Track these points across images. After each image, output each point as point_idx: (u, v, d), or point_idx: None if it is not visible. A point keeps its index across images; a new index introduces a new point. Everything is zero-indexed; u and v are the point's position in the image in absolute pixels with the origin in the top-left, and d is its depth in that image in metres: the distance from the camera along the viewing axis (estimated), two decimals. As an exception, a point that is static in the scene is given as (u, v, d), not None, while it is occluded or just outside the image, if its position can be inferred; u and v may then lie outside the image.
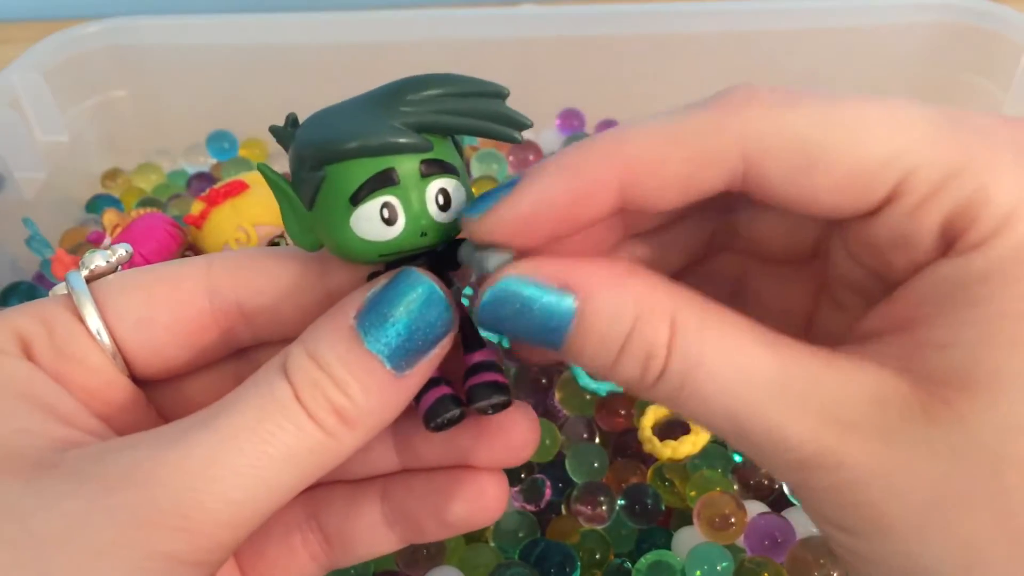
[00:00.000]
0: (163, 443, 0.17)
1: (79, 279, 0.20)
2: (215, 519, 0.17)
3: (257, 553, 0.23)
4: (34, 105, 0.46)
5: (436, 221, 0.19)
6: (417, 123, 0.18)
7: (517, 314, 0.18)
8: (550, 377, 0.38)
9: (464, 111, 0.19)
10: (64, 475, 0.17)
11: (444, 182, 0.19)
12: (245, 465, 0.17)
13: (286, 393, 0.18)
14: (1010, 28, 0.47)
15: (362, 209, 0.18)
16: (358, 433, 0.18)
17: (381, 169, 0.18)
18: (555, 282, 0.18)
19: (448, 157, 0.19)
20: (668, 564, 0.31)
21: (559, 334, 0.18)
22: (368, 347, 0.18)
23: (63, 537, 0.16)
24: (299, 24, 0.50)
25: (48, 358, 0.20)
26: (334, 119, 0.19)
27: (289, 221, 0.20)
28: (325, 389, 0.18)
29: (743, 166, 0.17)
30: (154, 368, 0.21)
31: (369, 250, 0.19)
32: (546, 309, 0.18)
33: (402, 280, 0.18)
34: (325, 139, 0.18)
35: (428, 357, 0.19)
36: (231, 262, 0.21)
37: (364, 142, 0.18)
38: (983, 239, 0.16)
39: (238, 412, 0.18)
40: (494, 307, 0.18)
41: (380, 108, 0.18)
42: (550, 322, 0.18)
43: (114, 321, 0.20)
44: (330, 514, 0.23)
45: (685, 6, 0.50)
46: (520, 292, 0.18)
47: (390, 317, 0.18)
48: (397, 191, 0.18)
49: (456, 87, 0.19)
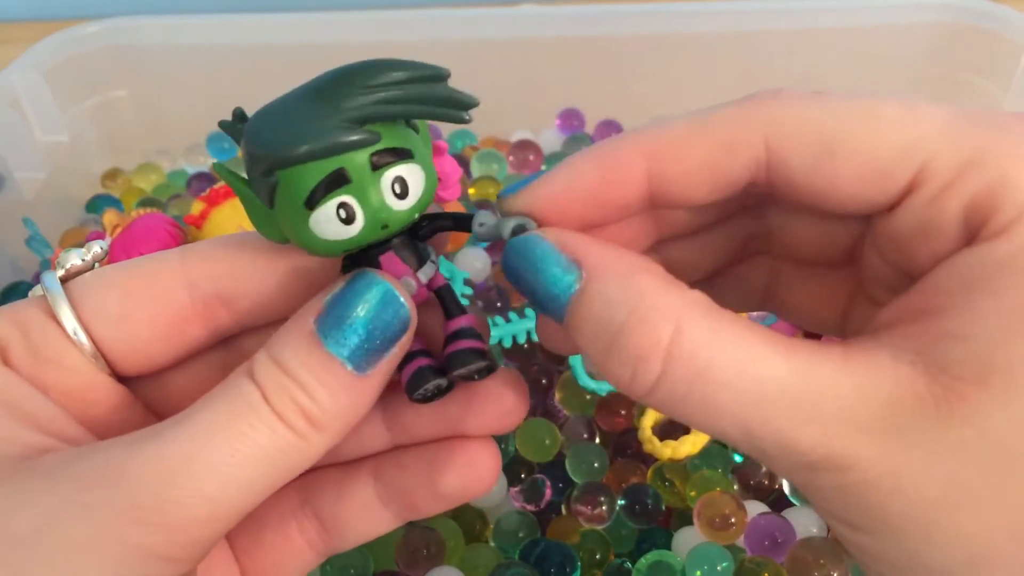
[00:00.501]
0: (137, 442, 0.18)
1: (53, 279, 0.20)
2: (190, 514, 0.17)
3: (253, 543, 0.23)
4: (34, 105, 0.46)
5: (396, 211, 0.19)
6: (361, 116, 0.18)
7: (527, 272, 0.18)
8: (550, 377, 0.38)
9: (406, 97, 0.18)
10: (39, 476, 0.17)
11: (398, 170, 0.18)
12: (219, 462, 0.17)
13: (255, 395, 0.18)
14: (1010, 28, 0.47)
15: (318, 212, 0.18)
16: (326, 435, 0.19)
17: (331, 171, 0.18)
18: (567, 252, 0.18)
19: (400, 142, 0.19)
20: (668, 564, 0.31)
21: (559, 305, 0.18)
22: (329, 350, 0.18)
23: (38, 534, 0.16)
24: (299, 24, 0.50)
25: (25, 362, 0.19)
26: (279, 119, 0.18)
27: (253, 217, 0.20)
28: (291, 392, 0.18)
29: (766, 155, 0.18)
30: (137, 364, 0.21)
31: (333, 248, 0.19)
32: (551, 276, 0.18)
33: (358, 282, 0.19)
34: (272, 145, 0.18)
35: (388, 355, 0.19)
36: (206, 251, 0.21)
37: (311, 147, 0.17)
38: (1005, 226, 0.16)
39: (210, 412, 0.18)
40: (510, 258, 0.19)
41: (320, 104, 0.18)
42: (553, 289, 0.18)
43: (91, 320, 0.20)
44: (323, 498, 0.23)
45: (685, 6, 0.50)
46: (533, 250, 0.18)
47: (347, 319, 0.18)
48: (351, 190, 0.18)
49: (397, 73, 0.18)
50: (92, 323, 0.20)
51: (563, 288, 0.18)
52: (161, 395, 0.22)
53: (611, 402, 0.36)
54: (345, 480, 0.23)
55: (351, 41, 0.50)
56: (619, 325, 0.17)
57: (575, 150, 0.51)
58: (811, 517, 0.33)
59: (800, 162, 0.17)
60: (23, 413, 0.19)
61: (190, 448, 0.17)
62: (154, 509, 0.17)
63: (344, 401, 0.18)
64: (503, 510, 0.34)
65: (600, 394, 0.36)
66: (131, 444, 0.18)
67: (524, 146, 0.51)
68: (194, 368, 0.22)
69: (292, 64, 0.51)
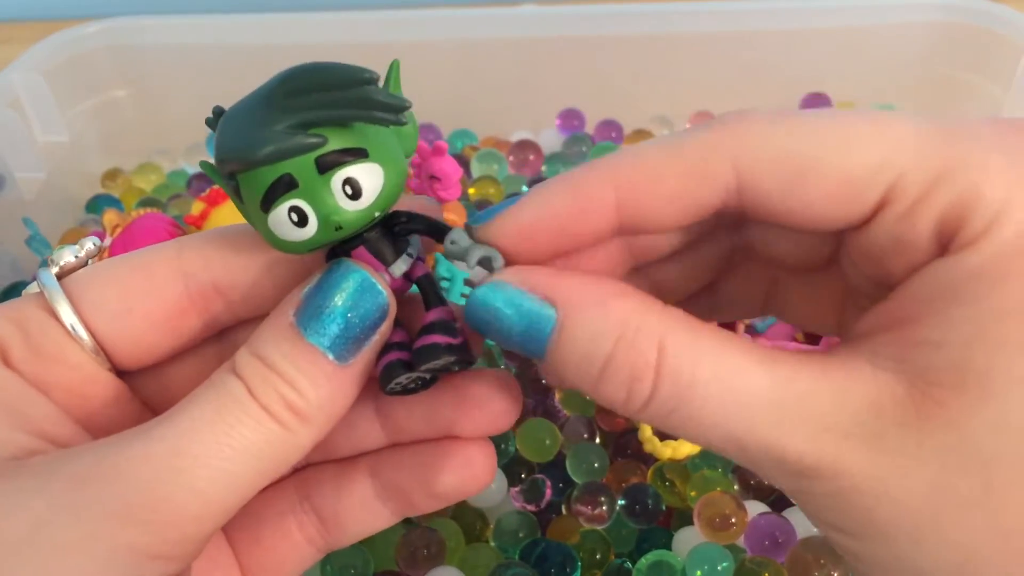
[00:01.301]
0: (125, 441, 0.18)
1: (49, 276, 0.20)
2: (181, 511, 0.17)
3: (253, 540, 0.23)
4: (34, 105, 0.46)
5: (348, 211, 0.18)
6: (302, 121, 0.18)
7: (497, 320, 0.18)
8: (550, 377, 0.38)
9: (342, 101, 0.18)
10: (29, 476, 0.17)
11: (349, 171, 0.18)
12: (208, 456, 0.17)
13: (240, 389, 0.18)
14: (1010, 28, 0.47)
15: (273, 215, 0.18)
16: (312, 426, 0.19)
17: (278, 176, 0.18)
18: (538, 293, 0.18)
19: (350, 141, 0.18)
20: (668, 564, 0.31)
21: (540, 345, 0.18)
22: (309, 340, 0.18)
23: (29, 537, 0.16)
24: (299, 24, 0.50)
25: (25, 361, 0.19)
26: (234, 123, 0.18)
27: (242, 211, 0.20)
28: (275, 385, 0.18)
29: (737, 181, 0.18)
30: (135, 358, 0.21)
31: (295, 248, 0.19)
32: (526, 319, 0.18)
33: (335, 271, 0.19)
34: (225, 149, 0.18)
35: (369, 344, 0.19)
36: (201, 244, 0.21)
37: (256, 153, 0.18)
38: (976, 237, 0.16)
39: (196, 408, 0.18)
40: (476, 310, 0.19)
41: (269, 108, 0.18)
42: (531, 332, 0.18)
43: (91, 315, 0.20)
44: (322, 494, 0.23)
45: (685, 6, 0.50)
46: (500, 297, 0.18)
47: (326, 309, 0.19)
48: (300, 194, 0.18)
49: (329, 77, 0.18)
50: (92, 318, 0.20)
51: (541, 330, 0.18)
52: (157, 389, 0.22)
53: (611, 402, 0.36)
54: (344, 477, 0.23)
55: (351, 41, 0.50)
56: (607, 355, 0.17)
57: (575, 150, 0.51)
58: (811, 517, 0.33)
59: (771, 186, 0.17)
60: (19, 414, 0.19)
61: (178, 444, 0.17)
62: (144, 507, 0.17)
63: (328, 391, 0.19)
64: (503, 510, 0.34)
65: (600, 394, 0.36)
66: (119, 443, 0.18)
67: (524, 146, 0.51)
68: (190, 361, 0.22)
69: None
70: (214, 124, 0.20)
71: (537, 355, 0.18)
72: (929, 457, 0.16)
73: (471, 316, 0.19)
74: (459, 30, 0.50)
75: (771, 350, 0.17)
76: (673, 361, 0.17)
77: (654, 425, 0.18)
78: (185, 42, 0.51)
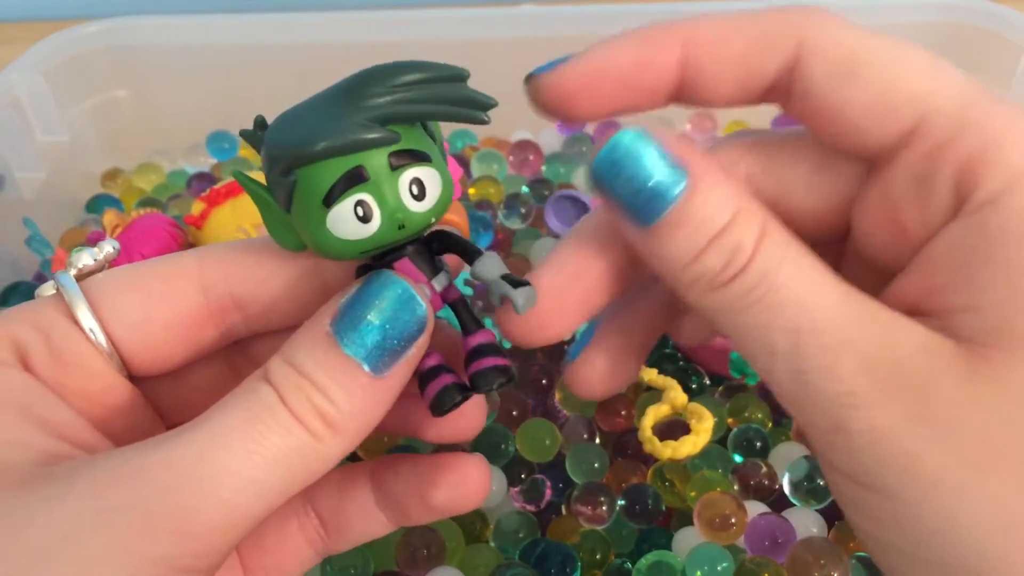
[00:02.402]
0: (152, 446, 0.17)
1: (69, 278, 0.20)
2: (208, 521, 0.17)
3: (255, 542, 0.23)
4: (34, 105, 0.46)
5: (412, 211, 0.19)
6: (381, 115, 0.18)
7: (633, 169, 0.18)
8: (550, 377, 0.38)
9: (426, 98, 0.18)
10: (53, 483, 0.17)
11: (416, 171, 0.19)
12: (235, 465, 0.17)
13: (272, 397, 0.18)
14: (1010, 28, 0.47)
15: (336, 210, 0.18)
16: (343, 437, 0.18)
17: (350, 168, 0.18)
18: (674, 153, 0.18)
19: (418, 145, 0.19)
20: (668, 564, 0.31)
21: (660, 206, 0.18)
22: (345, 351, 0.18)
23: (55, 547, 0.16)
24: (299, 24, 0.50)
25: (46, 366, 0.19)
26: (299, 120, 0.18)
27: (270, 224, 0.20)
28: (308, 394, 0.18)
29: (795, 59, 0.18)
30: (151, 366, 0.21)
31: (349, 248, 0.19)
32: (661, 175, 0.18)
33: (374, 282, 0.19)
34: (291, 143, 0.18)
35: (406, 357, 0.19)
36: (222, 255, 0.21)
37: (330, 143, 0.18)
38: (995, 195, 0.16)
39: (228, 415, 0.18)
40: (614, 154, 0.18)
41: (342, 104, 0.18)
42: (659, 189, 0.18)
43: (111, 321, 0.20)
44: (324, 498, 0.23)
45: (685, 6, 0.50)
46: (639, 148, 0.18)
47: (364, 319, 0.18)
48: (369, 188, 0.18)
49: (417, 74, 0.18)
50: (111, 324, 0.20)
51: (667, 188, 0.18)
52: (169, 396, 0.22)
53: (611, 402, 0.36)
54: (346, 481, 0.23)
55: (351, 41, 0.50)
56: (724, 224, 0.18)
57: (575, 150, 0.51)
58: (811, 517, 0.33)
59: (822, 73, 0.18)
60: (42, 418, 0.18)
61: (205, 451, 0.17)
62: (170, 516, 0.16)
63: (361, 403, 0.18)
64: (503, 510, 0.34)
65: (600, 394, 0.36)
66: (146, 448, 0.17)
67: (524, 146, 0.51)
68: (203, 370, 0.22)
69: (292, 64, 0.51)
70: (253, 135, 0.19)
71: (650, 216, 0.18)
72: (979, 408, 0.16)
73: (605, 159, 0.18)
74: (459, 30, 0.50)
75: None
76: (771, 244, 0.18)
77: (719, 309, 0.18)
78: (185, 42, 0.51)
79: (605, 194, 0.19)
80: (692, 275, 0.18)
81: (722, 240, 0.18)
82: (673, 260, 0.18)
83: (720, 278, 0.18)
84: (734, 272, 0.18)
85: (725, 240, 0.18)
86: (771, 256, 0.18)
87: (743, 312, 0.18)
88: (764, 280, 0.17)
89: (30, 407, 0.19)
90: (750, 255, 0.18)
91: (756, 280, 0.17)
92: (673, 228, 0.18)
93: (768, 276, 0.17)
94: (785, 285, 0.17)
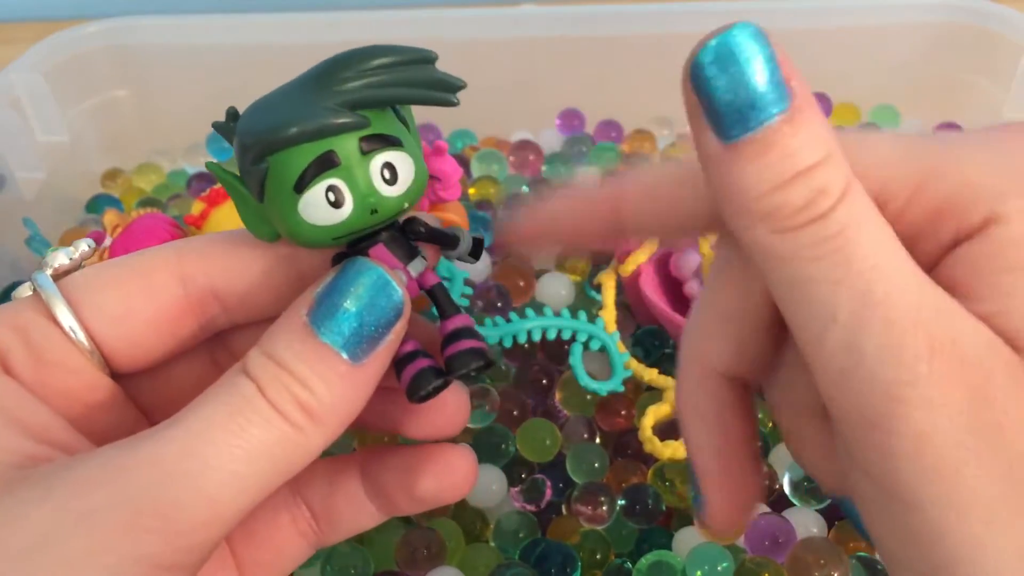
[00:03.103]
0: (133, 444, 0.17)
1: (46, 278, 0.20)
2: (192, 517, 0.17)
3: (247, 534, 0.23)
4: (34, 105, 0.46)
5: (384, 196, 0.19)
6: (351, 100, 0.18)
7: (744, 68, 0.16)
8: (550, 377, 0.38)
9: (396, 81, 0.19)
10: (32, 485, 0.17)
11: (388, 155, 0.19)
12: (218, 459, 0.17)
13: (251, 390, 0.18)
14: (1010, 28, 0.47)
15: (308, 195, 0.18)
16: (324, 428, 0.18)
17: (320, 153, 0.18)
18: (784, 69, 0.16)
19: (389, 129, 0.19)
20: (668, 564, 0.31)
21: (753, 121, 0.16)
22: (323, 339, 0.18)
23: (35, 549, 0.16)
24: (299, 24, 0.50)
25: (26, 367, 0.19)
26: (270, 107, 0.19)
27: (244, 215, 0.20)
28: (288, 385, 0.18)
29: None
30: (132, 362, 0.21)
31: (322, 235, 0.19)
32: (768, 86, 0.16)
33: (350, 269, 0.19)
34: (262, 129, 0.18)
35: (384, 343, 0.19)
36: (201, 248, 0.21)
37: (300, 128, 0.18)
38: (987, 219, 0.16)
39: (208, 409, 0.18)
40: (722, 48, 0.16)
41: (313, 90, 0.18)
42: (762, 101, 0.16)
43: (91, 318, 0.20)
44: (314, 490, 0.23)
45: (685, 6, 0.50)
46: (754, 49, 0.16)
47: (340, 307, 0.18)
48: (340, 172, 0.18)
49: (384, 58, 0.19)
50: (91, 321, 0.20)
51: (769, 103, 0.16)
52: (150, 391, 0.22)
53: (611, 402, 0.36)
54: (336, 473, 0.23)
55: (351, 41, 0.49)
56: (814, 162, 0.16)
57: (575, 150, 0.51)
58: (811, 517, 0.33)
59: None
60: (20, 422, 0.18)
61: (188, 447, 0.17)
62: (154, 513, 0.16)
63: (341, 392, 0.18)
64: (503, 510, 0.34)
65: (600, 394, 0.36)
66: (128, 446, 0.17)
67: (524, 146, 0.51)
68: (183, 363, 0.22)
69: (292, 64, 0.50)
70: (225, 126, 0.19)
71: (737, 130, 0.16)
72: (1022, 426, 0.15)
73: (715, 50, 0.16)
74: (459, 30, 0.50)
75: None
76: (856, 193, 0.16)
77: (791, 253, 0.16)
78: (185, 42, 0.51)
79: (699, 91, 0.17)
80: (766, 207, 0.16)
81: (809, 177, 0.16)
82: (750, 186, 0.16)
83: (797, 218, 0.16)
84: (815, 215, 0.16)
85: (812, 178, 0.16)
86: (855, 210, 0.16)
87: (812, 263, 0.16)
88: (844, 232, 0.16)
89: (8, 410, 0.18)
90: (835, 201, 0.16)
91: (836, 229, 0.16)
92: (761, 149, 0.16)
93: (849, 229, 0.16)
94: (864, 244, 0.16)
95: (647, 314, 0.39)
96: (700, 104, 0.17)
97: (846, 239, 0.16)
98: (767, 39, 0.16)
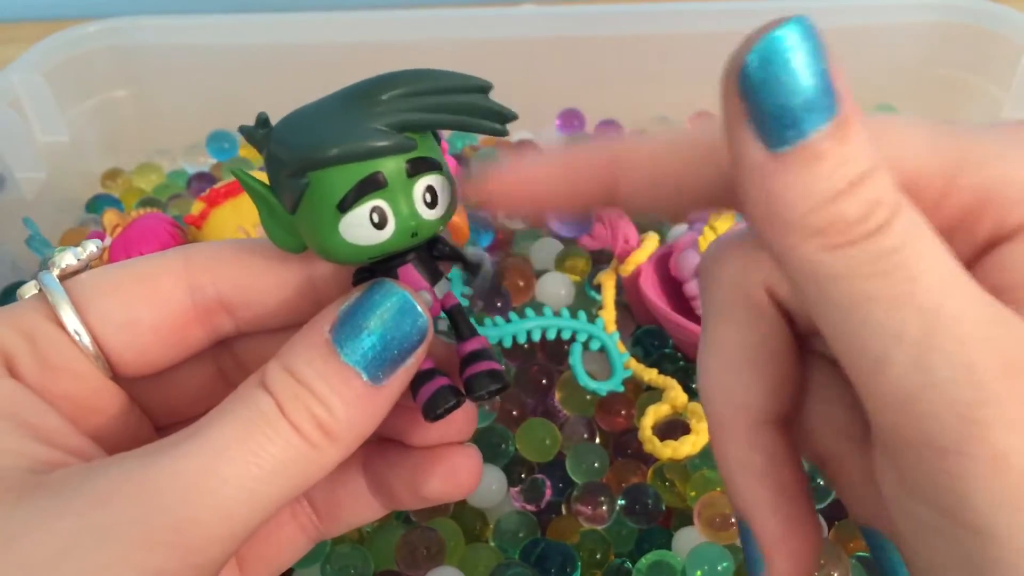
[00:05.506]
0: (152, 457, 0.17)
1: (53, 279, 0.20)
2: (208, 533, 0.17)
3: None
4: (34, 105, 0.46)
5: (425, 219, 0.19)
6: (399, 122, 0.18)
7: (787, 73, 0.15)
8: (550, 377, 0.38)
9: (444, 107, 0.18)
10: (50, 494, 0.17)
11: (430, 179, 0.19)
12: (236, 477, 0.17)
13: (270, 406, 0.18)
14: (1010, 28, 0.47)
15: (351, 215, 0.18)
16: (339, 446, 0.18)
17: (368, 174, 0.18)
18: (833, 77, 0.15)
19: (432, 153, 0.19)
20: (668, 564, 0.31)
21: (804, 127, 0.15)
22: (344, 359, 0.18)
23: (53, 562, 0.16)
24: (299, 24, 0.50)
25: (32, 371, 0.19)
26: (311, 122, 0.18)
27: (270, 225, 0.20)
28: (307, 402, 0.18)
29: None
30: (138, 367, 0.21)
31: (358, 254, 0.19)
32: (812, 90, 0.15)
33: (376, 291, 0.19)
34: (307, 145, 0.18)
35: (405, 366, 0.19)
36: (209, 255, 0.21)
37: (349, 148, 0.18)
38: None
39: (227, 424, 0.17)
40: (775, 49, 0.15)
41: (358, 109, 0.18)
42: (812, 104, 0.15)
43: (96, 323, 0.20)
44: (316, 485, 0.23)
45: (685, 6, 0.50)
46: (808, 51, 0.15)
47: (364, 329, 0.18)
48: (385, 194, 0.18)
49: (434, 83, 0.18)
50: (97, 326, 0.20)
51: (819, 106, 0.15)
52: (156, 397, 0.22)
53: (611, 402, 0.36)
54: (338, 469, 0.23)
55: (351, 41, 0.50)
56: (864, 172, 0.15)
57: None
58: (811, 517, 0.33)
59: None
60: (32, 426, 0.18)
61: (206, 463, 0.17)
62: (171, 529, 0.16)
63: (358, 412, 0.18)
64: (503, 510, 0.34)
65: (600, 394, 0.36)
66: (146, 458, 0.17)
67: (524, 146, 0.51)
68: (189, 370, 0.22)
69: (292, 64, 0.51)
70: (254, 132, 0.19)
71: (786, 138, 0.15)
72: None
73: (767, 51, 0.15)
74: (459, 30, 0.50)
75: None
76: (909, 206, 0.15)
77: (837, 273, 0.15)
78: (185, 42, 0.51)
79: (746, 95, 0.15)
80: (819, 222, 0.15)
81: (863, 187, 0.15)
82: (799, 199, 0.15)
83: (852, 232, 0.15)
84: (872, 227, 0.14)
85: (867, 188, 0.15)
86: (913, 222, 0.15)
87: (870, 280, 0.15)
88: (906, 245, 0.14)
89: (19, 414, 0.18)
90: (891, 212, 0.14)
91: (897, 243, 0.14)
92: (813, 157, 0.15)
93: (910, 242, 0.15)
94: (927, 256, 0.15)
95: (647, 314, 0.39)
96: (746, 109, 0.15)
97: (909, 252, 0.15)
98: (818, 35, 0.15)
